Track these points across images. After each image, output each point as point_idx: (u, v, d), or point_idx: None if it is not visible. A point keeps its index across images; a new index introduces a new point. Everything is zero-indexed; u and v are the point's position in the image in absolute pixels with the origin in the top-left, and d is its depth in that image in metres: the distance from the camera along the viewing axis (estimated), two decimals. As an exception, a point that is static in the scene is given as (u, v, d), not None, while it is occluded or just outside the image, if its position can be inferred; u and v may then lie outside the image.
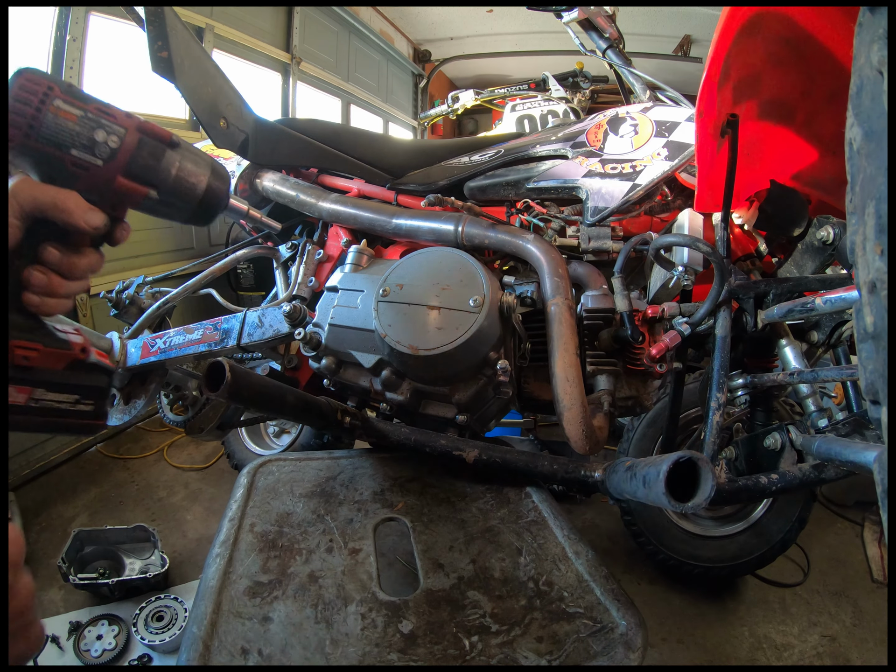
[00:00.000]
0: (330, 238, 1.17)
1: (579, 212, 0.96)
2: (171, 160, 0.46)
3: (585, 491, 1.55)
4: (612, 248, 0.92)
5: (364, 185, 1.20)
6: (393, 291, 0.82)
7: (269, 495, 0.75)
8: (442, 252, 0.86)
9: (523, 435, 1.73)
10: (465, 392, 0.79)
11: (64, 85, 0.42)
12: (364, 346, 0.84)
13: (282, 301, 1.11)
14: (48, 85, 0.41)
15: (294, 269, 1.15)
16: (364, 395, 0.90)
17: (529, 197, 0.99)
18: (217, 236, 2.37)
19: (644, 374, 0.85)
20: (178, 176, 0.46)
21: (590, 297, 0.88)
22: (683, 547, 1.26)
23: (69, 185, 0.42)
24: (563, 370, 0.78)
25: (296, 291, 1.10)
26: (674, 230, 0.89)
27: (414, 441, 0.80)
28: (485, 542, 0.69)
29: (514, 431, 1.75)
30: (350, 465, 0.85)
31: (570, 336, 0.80)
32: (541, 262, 0.86)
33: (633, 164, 0.91)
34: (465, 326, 0.75)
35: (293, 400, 0.69)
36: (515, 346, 0.86)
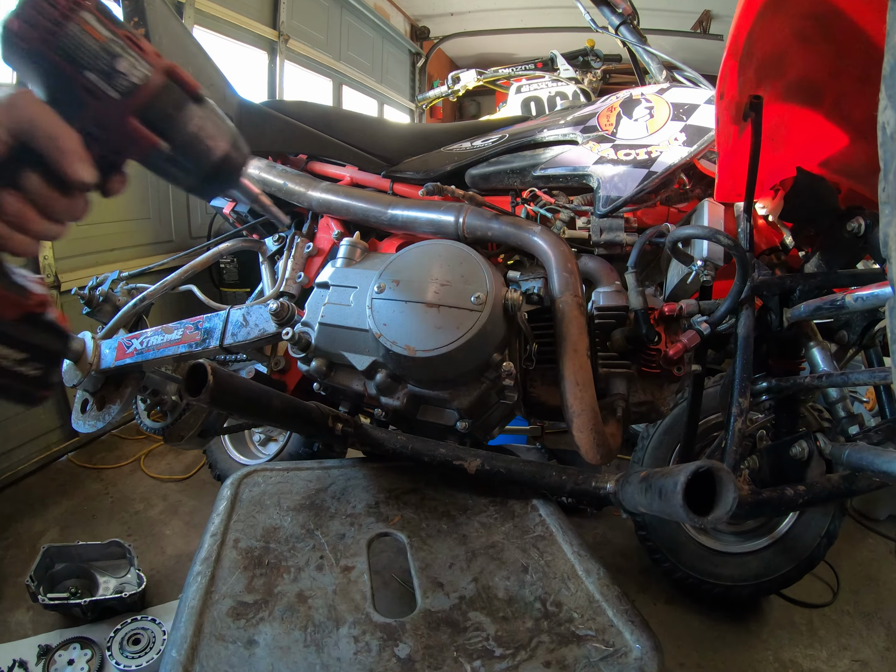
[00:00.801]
0: (320, 230, 1.17)
1: (590, 202, 0.96)
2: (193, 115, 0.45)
3: (597, 504, 1.52)
4: (626, 240, 0.92)
5: (357, 172, 1.20)
6: (388, 288, 0.82)
7: (255, 508, 0.75)
8: (441, 245, 0.86)
9: (529, 443, 1.72)
10: (467, 397, 0.79)
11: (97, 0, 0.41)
12: (357, 346, 0.84)
13: (268, 298, 1.11)
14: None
15: (281, 263, 1.15)
16: (357, 400, 0.90)
17: (536, 185, 0.99)
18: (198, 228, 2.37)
19: (660, 378, 0.85)
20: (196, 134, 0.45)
21: (601, 293, 0.88)
22: (703, 564, 1.26)
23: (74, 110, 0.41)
24: (572, 373, 0.78)
25: (283, 288, 1.11)
26: (692, 221, 0.89)
27: (411, 450, 0.81)
28: (488, 559, 0.69)
29: (520, 439, 1.75)
30: (342, 476, 0.85)
31: (581, 336, 0.80)
32: (548, 255, 0.86)
33: (648, 149, 0.91)
34: (466, 326, 0.75)
35: (280, 405, 0.70)
36: (521, 346, 0.86)
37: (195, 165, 0.46)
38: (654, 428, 1.29)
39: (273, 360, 1.12)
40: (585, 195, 0.97)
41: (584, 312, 0.82)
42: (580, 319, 0.81)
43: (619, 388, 0.85)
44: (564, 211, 0.95)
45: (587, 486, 0.73)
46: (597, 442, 0.77)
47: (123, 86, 0.41)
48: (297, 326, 0.92)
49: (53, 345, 0.43)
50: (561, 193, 0.99)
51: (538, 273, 0.91)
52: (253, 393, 0.66)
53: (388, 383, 0.82)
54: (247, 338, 1.02)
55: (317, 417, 0.77)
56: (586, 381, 0.78)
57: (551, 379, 0.88)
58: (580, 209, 0.96)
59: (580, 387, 0.78)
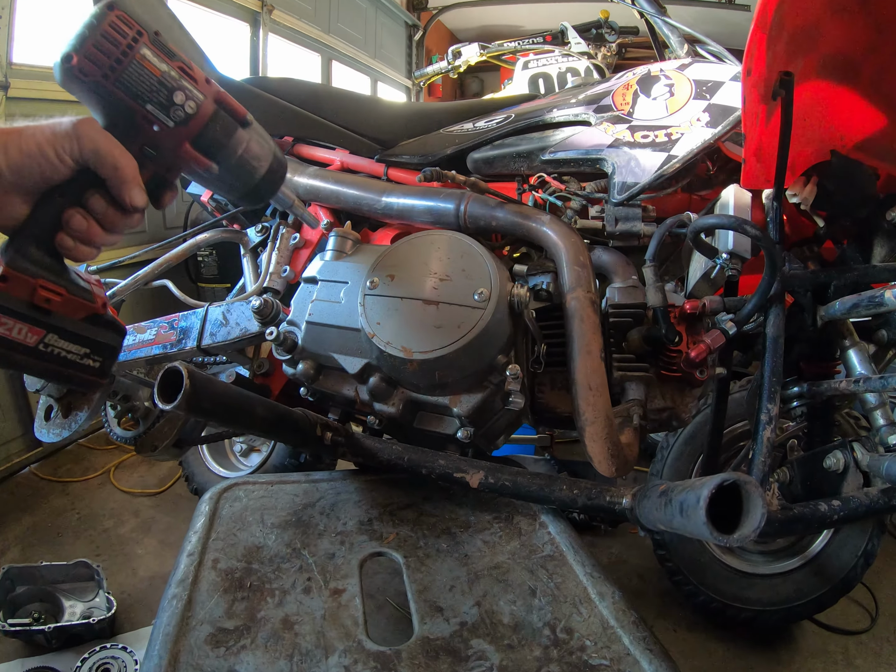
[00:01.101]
0: None
1: (604, 188, 0.97)
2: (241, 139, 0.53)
3: (611, 520, 1.55)
4: (644, 231, 0.92)
5: (348, 156, 1.20)
6: (382, 283, 0.82)
7: (236, 525, 0.76)
8: (441, 236, 0.86)
9: (538, 454, 1.73)
10: (469, 403, 0.80)
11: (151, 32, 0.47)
12: (348, 347, 0.85)
13: (250, 294, 1.12)
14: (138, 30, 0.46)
15: (265, 256, 1.15)
16: (348, 407, 0.90)
17: (545, 171, 0.99)
18: (173, 218, 2.37)
19: (681, 382, 0.86)
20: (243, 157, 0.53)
21: (617, 289, 0.88)
22: (728, 587, 1.26)
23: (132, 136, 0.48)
24: (584, 377, 0.79)
25: (267, 283, 1.11)
26: (716, 210, 0.89)
27: (407, 461, 0.81)
28: (492, 581, 0.69)
29: (528, 450, 1.75)
30: (331, 490, 0.85)
31: (594, 336, 0.80)
32: (558, 247, 0.87)
33: (669, 131, 0.91)
34: (468, 325, 0.76)
35: (264, 412, 0.70)
36: (528, 348, 0.87)
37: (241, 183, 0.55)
38: (674, 437, 1.29)
39: (256, 362, 1.13)
40: (599, 181, 0.98)
41: (597, 310, 0.83)
42: (593, 318, 0.81)
43: (635, 394, 0.85)
44: (576, 199, 0.96)
45: (601, 501, 0.74)
46: (611, 452, 0.77)
47: (179, 116, 0.49)
48: (281, 326, 0.92)
49: (113, 341, 0.52)
50: (572, 179, 0.99)
51: (547, 267, 0.92)
52: (233, 399, 0.67)
53: (382, 388, 0.82)
54: (227, 338, 1.02)
55: (304, 425, 0.77)
56: (600, 386, 0.78)
57: (562, 383, 0.89)
58: (593, 197, 0.96)
59: (593, 392, 0.78)
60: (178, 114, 0.49)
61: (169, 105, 0.48)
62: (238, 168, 0.53)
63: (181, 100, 0.48)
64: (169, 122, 0.48)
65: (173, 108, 0.48)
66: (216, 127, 0.51)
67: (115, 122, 0.47)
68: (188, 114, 0.49)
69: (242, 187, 0.55)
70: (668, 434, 1.31)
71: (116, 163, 0.46)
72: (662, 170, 0.88)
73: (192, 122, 0.49)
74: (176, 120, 0.49)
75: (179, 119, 0.49)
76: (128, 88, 0.46)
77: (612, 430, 0.78)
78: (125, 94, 0.46)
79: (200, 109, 0.49)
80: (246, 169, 0.53)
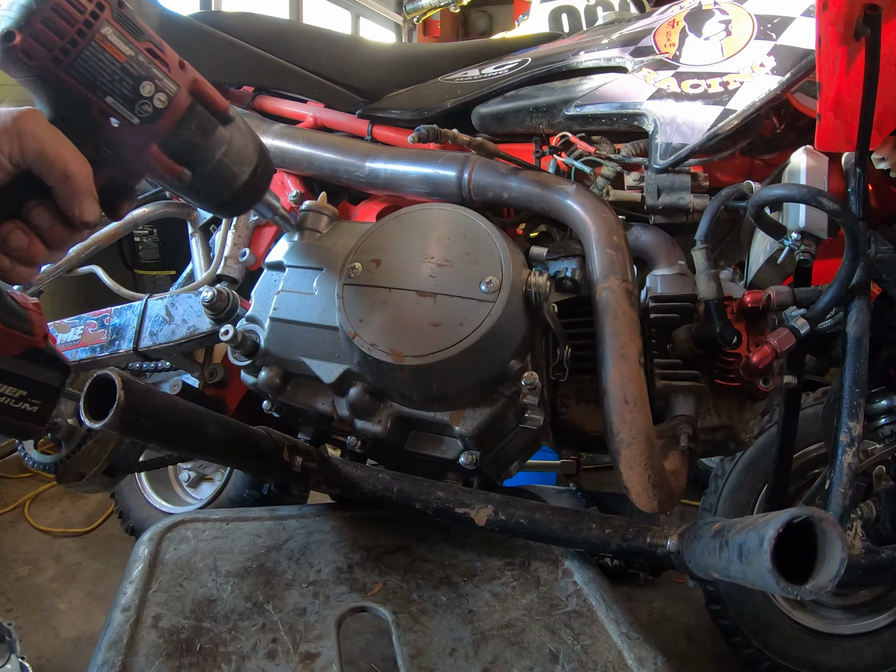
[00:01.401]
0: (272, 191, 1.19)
1: (644, 151, 0.96)
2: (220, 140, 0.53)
3: (653, 567, 1.54)
4: (693, 204, 0.92)
5: (323, 111, 1.20)
6: (366, 270, 0.82)
7: (182, 574, 0.76)
8: (439, 211, 0.86)
9: (560, 484, 1.74)
10: (474, 420, 0.80)
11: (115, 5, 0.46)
12: (323, 351, 0.85)
13: (200, 284, 1.12)
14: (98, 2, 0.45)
15: (219, 236, 1.15)
16: (323, 425, 0.91)
17: (569, 129, 0.99)
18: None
19: (740, 394, 0.85)
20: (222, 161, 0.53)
21: (659, 277, 0.89)
22: (799, 650, 1.26)
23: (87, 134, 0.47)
24: (619, 387, 0.79)
25: (221, 270, 1.11)
26: (784, 178, 0.89)
27: (397, 493, 0.81)
28: (503, 644, 0.69)
29: (548, 479, 1.76)
30: (302, 529, 0.86)
31: (631, 336, 0.80)
32: (586, 225, 0.86)
33: (724, 79, 0.91)
34: (473, 322, 0.76)
35: (217, 431, 0.71)
36: (548, 351, 0.87)
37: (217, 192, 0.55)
38: (731, 463, 1.28)
39: (207, 369, 1.13)
40: (637, 142, 0.97)
41: (635, 304, 0.83)
42: (630, 313, 0.81)
43: (683, 409, 0.85)
44: (608, 164, 0.95)
45: (640, 543, 0.74)
46: (653, 482, 0.77)
47: (146, 112, 0.48)
48: (239, 323, 0.92)
49: (55, 380, 0.52)
50: (604, 140, 0.99)
51: (572, 249, 0.91)
52: (179, 415, 0.67)
53: (366, 401, 0.83)
54: (171, 339, 1.02)
55: (267, 448, 0.77)
56: (639, 399, 0.78)
57: (590, 395, 0.89)
58: (630, 162, 0.96)
59: (630, 406, 0.78)
60: (146, 108, 0.48)
61: (134, 98, 0.48)
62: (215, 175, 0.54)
63: (149, 91, 0.48)
64: (133, 118, 0.48)
65: (139, 102, 0.48)
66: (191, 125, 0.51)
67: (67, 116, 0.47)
68: (157, 109, 0.49)
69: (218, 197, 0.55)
70: (724, 459, 1.30)
71: (67, 169, 0.45)
72: (717, 127, 0.88)
73: (161, 119, 0.49)
74: (142, 116, 0.48)
75: (146, 115, 0.49)
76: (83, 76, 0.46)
77: (654, 454, 0.78)
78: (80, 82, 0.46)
79: (172, 103, 0.49)
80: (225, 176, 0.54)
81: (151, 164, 0.51)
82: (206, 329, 1.00)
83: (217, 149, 0.53)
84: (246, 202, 0.57)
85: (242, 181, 0.55)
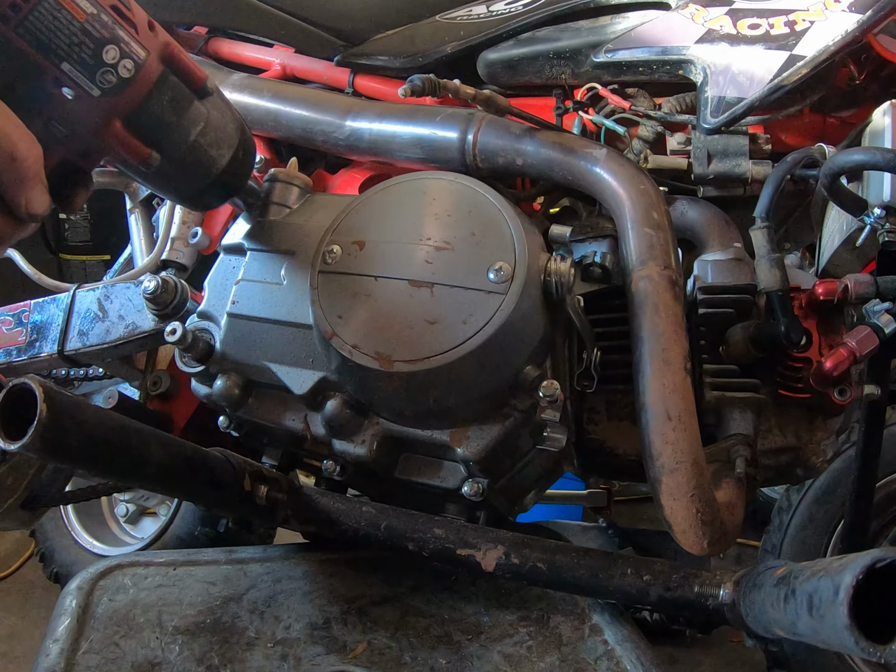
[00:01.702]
0: None
1: (691, 107, 0.94)
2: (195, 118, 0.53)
3: (702, 622, 1.52)
4: (752, 173, 0.90)
5: (294, 57, 1.20)
6: (347, 254, 0.81)
7: (119, 630, 0.74)
8: (437, 182, 0.85)
9: (587, 519, 1.74)
10: (480, 440, 0.78)
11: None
12: (293, 354, 0.84)
13: (141, 272, 1.10)
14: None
15: (164, 212, 1.14)
16: (294, 446, 0.90)
17: (598, 79, 0.98)
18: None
19: (810, 408, 0.84)
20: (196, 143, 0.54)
21: (710, 264, 0.88)
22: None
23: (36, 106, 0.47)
24: (661, 399, 0.77)
25: (167, 254, 1.10)
26: (865, 140, 0.87)
27: (385, 531, 0.79)
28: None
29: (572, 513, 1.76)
30: (267, 576, 0.84)
31: (675, 337, 0.79)
32: (620, 199, 0.85)
33: (791, 18, 0.88)
34: (479, 318, 0.74)
35: (162, 454, 0.68)
36: (572, 355, 0.86)
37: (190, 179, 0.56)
38: (800, 493, 1.27)
39: (150, 377, 1.12)
40: (683, 96, 0.96)
41: (680, 296, 0.81)
42: (674, 308, 0.80)
43: (740, 426, 0.83)
44: (647, 123, 0.94)
45: (686, 593, 0.72)
46: (702, 517, 0.75)
47: (109, 82, 0.48)
48: (189, 320, 0.92)
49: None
50: (641, 93, 0.97)
51: (602, 229, 0.91)
52: (115, 433, 0.64)
53: (347, 417, 0.81)
54: (105, 339, 1.01)
55: (224, 475, 0.75)
56: (684, 414, 0.76)
57: (624, 409, 0.89)
58: (674, 120, 0.94)
59: (674, 423, 0.76)
60: (108, 78, 0.48)
61: (95, 65, 0.47)
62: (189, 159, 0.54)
63: (113, 57, 0.48)
64: (93, 89, 0.48)
65: (101, 70, 0.48)
66: (162, 99, 0.51)
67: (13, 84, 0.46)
68: (123, 78, 0.49)
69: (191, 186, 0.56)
70: (791, 489, 1.30)
71: (13, 149, 0.45)
72: (781, 77, 0.86)
73: (127, 91, 0.49)
74: (104, 87, 0.48)
75: (109, 86, 0.48)
76: (35, 37, 0.45)
77: (704, 483, 0.75)
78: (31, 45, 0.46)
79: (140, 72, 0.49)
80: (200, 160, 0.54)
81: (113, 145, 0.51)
82: (149, 327, 0.99)
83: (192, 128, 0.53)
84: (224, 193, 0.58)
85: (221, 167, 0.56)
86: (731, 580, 0.68)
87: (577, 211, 1.00)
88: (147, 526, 1.60)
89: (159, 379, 1.11)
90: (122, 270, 1.24)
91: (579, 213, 1.00)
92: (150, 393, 1.11)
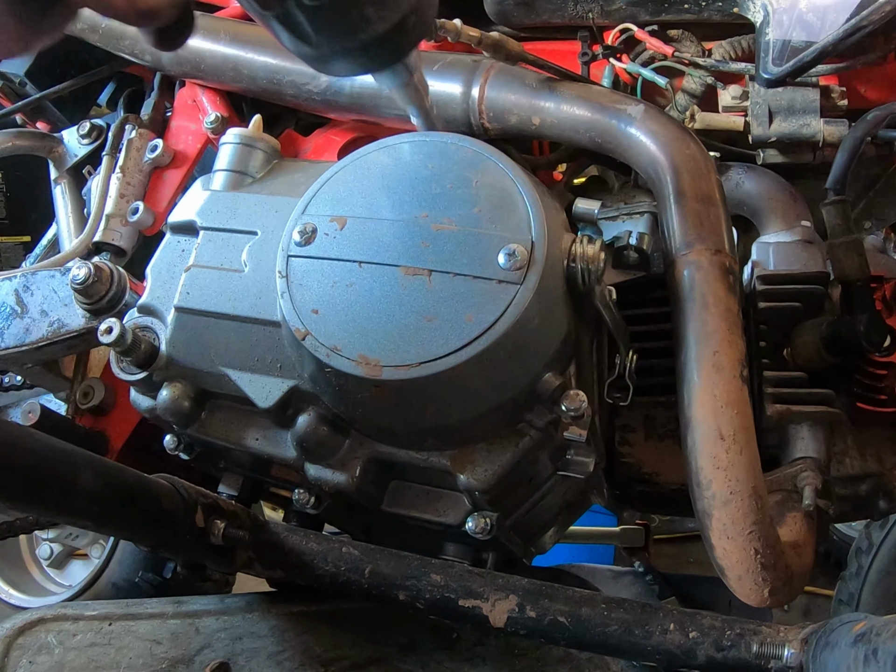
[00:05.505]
0: (178, 113, 1.15)
1: (748, 53, 0.94)
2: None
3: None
4: (824, 134, 0.89)
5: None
6: (323, 234, 0.80)
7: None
8: (435, 145, 0.84)
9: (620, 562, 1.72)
10: (489, 464, 0.77)
11: None
12: (256, 358, 0.84)
13: (69, 257, 1.11)
14: None
15: (96, 182, 1.14)
16: (258, 472, 0.91)
17: (633, 18, 0.97)
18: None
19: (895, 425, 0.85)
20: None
21: (773, 246, 0.88)
22: None
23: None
24: (711, 414, 0.76)
25: (101, 235, 1.10)
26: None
27: (371, 576, 0.78)
28: None
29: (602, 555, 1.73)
30: (225, 633, 0.83)
31: (729, 337, 0.77)
32: (660, 167, 0.87)
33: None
34: (488, 314, 0.73)
35: (94, 482, 0.68)
36: (602, 359, 0.86)
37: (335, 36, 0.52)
38: (882, 532, 1.29)
39: (80, 387, 1.11)
40: (738, 39, 0.95)
41: (735, 287, 0.80)
42: (728, 301, 0.78)
43: (809, 448, 0.83)
44: (694, 73, 0.94)
45: (741, 654, 0.71)
46: (762, 560, 0.74)
47: None
48: (128, 316, 0.91)
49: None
50: (687, 36, 0.96)
51: (637, 205, 0.90)
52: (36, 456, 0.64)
53: (323, 436, 0.81)
54: (23, 340, 1.00)
55: (171, 507, 0.75)
56: (740, 432, 0.75)
57: (666, 426, 0.89)
58: (728, 69, 0.94)
59: (727, 443, 0.75)
60: None
61: None
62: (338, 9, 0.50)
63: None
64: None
65: None
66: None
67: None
68: None
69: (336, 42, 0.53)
70: (871, 525, 1.32)
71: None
72: (861, 17, 0.83)
73: None
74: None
75: None
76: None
77: (765, 518, 0.75)
78: None
79: None
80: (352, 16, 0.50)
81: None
82: (78, 326, 1.01)
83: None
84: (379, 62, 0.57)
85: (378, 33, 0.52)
86: (799, 637, 0.68)
87: (608, 182, 0.98)
88: (76, 570, 1.62)
89: (91, 389, 1.13)
90: (44, 255, 1.24)
91: (610, 184, 0.98)
92: (80, 406, 1.11)
